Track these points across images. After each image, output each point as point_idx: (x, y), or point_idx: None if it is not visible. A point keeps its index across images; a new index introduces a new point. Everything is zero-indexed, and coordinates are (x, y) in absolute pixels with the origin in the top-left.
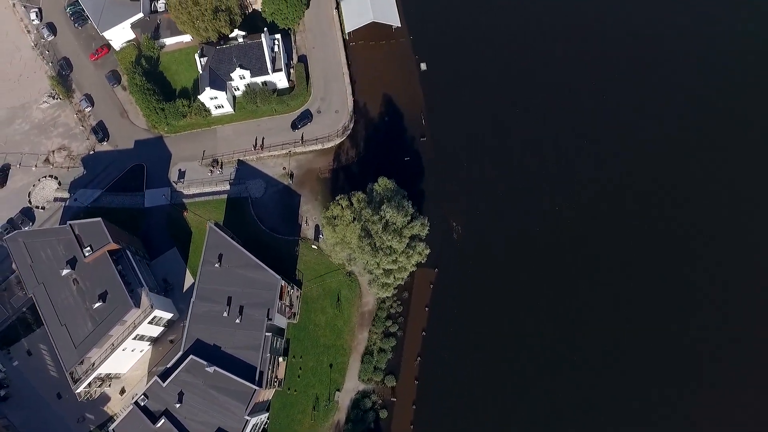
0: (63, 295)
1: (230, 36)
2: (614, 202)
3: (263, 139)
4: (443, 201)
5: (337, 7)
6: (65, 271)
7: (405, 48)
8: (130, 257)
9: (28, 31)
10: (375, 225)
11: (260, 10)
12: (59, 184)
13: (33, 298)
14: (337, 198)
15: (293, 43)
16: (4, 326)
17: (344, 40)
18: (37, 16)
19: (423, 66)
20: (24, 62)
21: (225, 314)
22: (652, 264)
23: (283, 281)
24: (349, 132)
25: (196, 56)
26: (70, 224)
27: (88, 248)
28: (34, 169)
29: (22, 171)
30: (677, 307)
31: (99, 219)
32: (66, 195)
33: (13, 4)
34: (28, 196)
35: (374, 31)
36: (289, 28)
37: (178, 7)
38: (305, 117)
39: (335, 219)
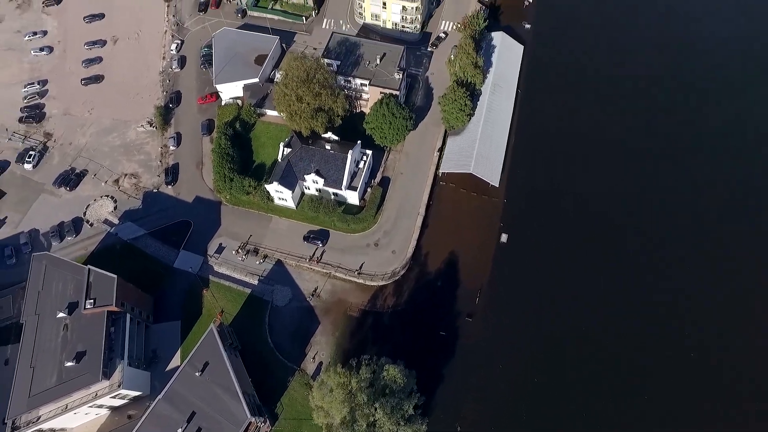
0: (48, 337)
1: (323, 134)
2: None
3: (316, 251)
4: (460, 400)
5: (443, 145)
6: (61, 314)
7: (493, 210)
8: (127, 323)
9: (163, 58)
10: (363, 415)
11: (366, 122)
12: (115, 208)
13: (22, 325)
14: (338, 368)
15: (383, 161)
16: (1, 325)
17: (436, 176)
18: (176, 48)
19: (504, 238)
20: (147, 83)
21: (180, 430)
22: None
23: (253, 418)
24: (396, 279)
25: (281, 144)
26: (89, 269)
27: (91, 301)
28: (103, 184)
29: (92, 182)
30: None
31: (115, 277)
32: (115, 221)
33: (165, 31)
34: (85, 209)
35: (469, 179)
36: (385, 146)
37: (282, 98)
38: (321, 238)
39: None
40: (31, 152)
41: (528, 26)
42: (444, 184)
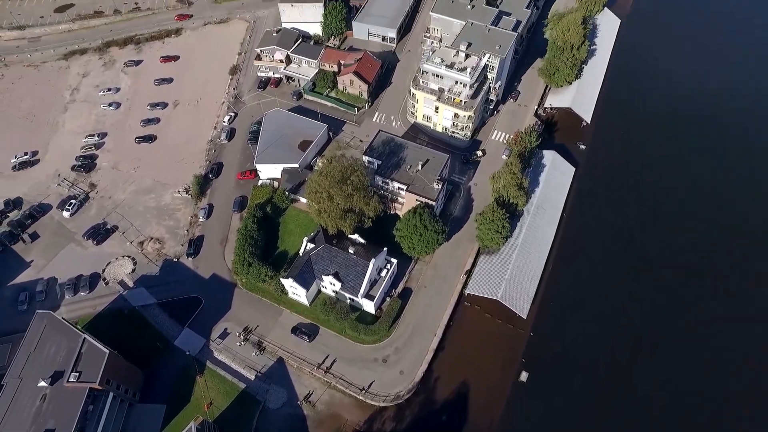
0: (23, 405)
1: (349, 235)
2: None
3: (327, 359)
4: None
5: (473, 266)
6: (42, 383)
7: (517, 343)
8: (108, 402)
9: (215, 128)
10: None
11: (396, 228)
12: (133, 270)
13: (2, 386)
14: None
15: (408, 271)
16: None
17: (461, 294)
18: (229, 120)
19: (523, 376)
20: (194, 150)
21: None
22: None
23: None
24: (399, 402)
25: (305, 239)
26: (84, 338)
27: (77, 374)
28: (128, 244)
29: (119, 239)
30: None
31: (106, 352)
32: (130, 284)
33: (223, 102)
34: (105, 266)
35: (496, 305)
36: (413, 256)
37: (312, 195)
38: (309, 333)
39: None
40: (72, 200)
41: (583, 147)
42: (469, 305)
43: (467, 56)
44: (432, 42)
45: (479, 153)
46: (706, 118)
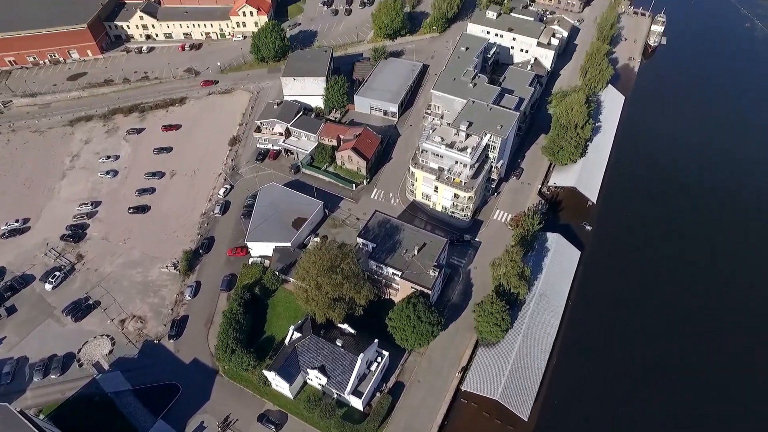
0: None
1: (338, 324)
2: None
3: None
4: None
5: (470, 360)
6: None
7: None
8: None
9: (209, 200)
10: None
11: (389, 318)
12: (110, 351)
13: None
14: None
15: (401, 363)
16: None
17: (458, 389)
18: (224, 192)
19: None
20: (186, 223)
21: None
22: None
23: None
24: None
25: (292, 328)
26: None
27: None
28: (108, 322)
29: (100, 316)
30: None
31: None
32: (106, 366)
33: (220, 173)
34: (81, 345)
35: (495, 403)
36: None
37: (300, 285)
38: (278, 423)
39: None
40: (56, 272)
41: (589, 228)
42: (465, 402)
43: (468, 135)
44: (433, 119)
45: (467, 237)
46: (716, 192)
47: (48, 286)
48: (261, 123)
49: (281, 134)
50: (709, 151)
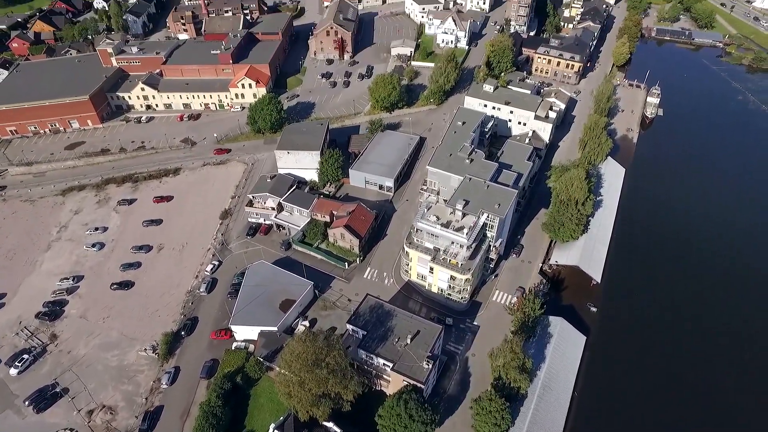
0: None
1: (322, 422)
2: None
3: None
4: None
5: None
6: None
7: None
8: None
9: (196, 277)
10: None
11: (379, 415)
12: None
13: None
14: None
15: None
16: None
17: None
18: (212, 269)
19: None
20: (170, 301)
21: None
22: None
23: None
24: None
25: (272, 426)
26: None
27: None
28: (74, 413)
29: (66, 407)
30: None
31: None
32: None
33: (209, 248)
34: None
35: None
36: None
37: (282, 381)
38: None
39: None
40: (24, 356)
41: (594, 309)
42: None
43: (465, 214)
44: (428, 195)
45: (449, 320)
46: (721, 264)
47: (13, 371)
48: (253, 197)
49: (273, 209)
50: (711, 222)
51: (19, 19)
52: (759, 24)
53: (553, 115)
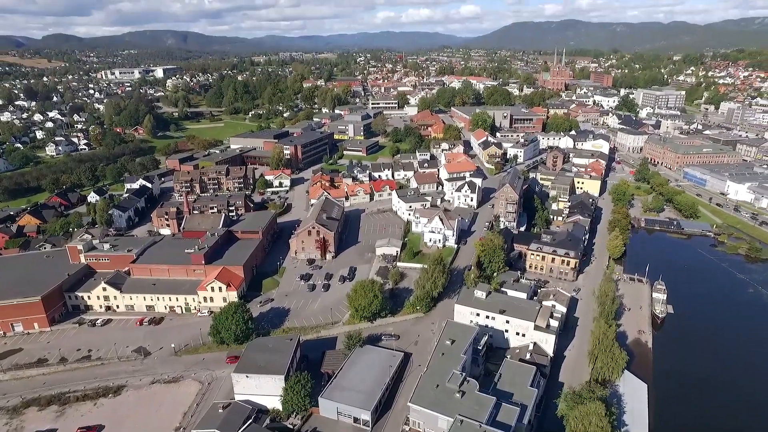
0: None
1: None
2: None
3: None
4: None
5: None
6: None
7: None
8: None
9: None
10: None
11: None
12: None
13: None
14: None
15: None
16: None
17: None
18: None
19: None
20: None
21: None
22: None
23: None
24: None
25: None
26: None
27: None
28: None
29: None
30: None
31: None
32: None
33: None
34: None
35: None
36: None
37: None
38: None
39: None
40: None
41: None
42: None
43: None
44: None
45: None
46: None
47: None
48: None
49: None
50: None
51: (11, 212)
52: (740, 215)
53: (554, 323)
